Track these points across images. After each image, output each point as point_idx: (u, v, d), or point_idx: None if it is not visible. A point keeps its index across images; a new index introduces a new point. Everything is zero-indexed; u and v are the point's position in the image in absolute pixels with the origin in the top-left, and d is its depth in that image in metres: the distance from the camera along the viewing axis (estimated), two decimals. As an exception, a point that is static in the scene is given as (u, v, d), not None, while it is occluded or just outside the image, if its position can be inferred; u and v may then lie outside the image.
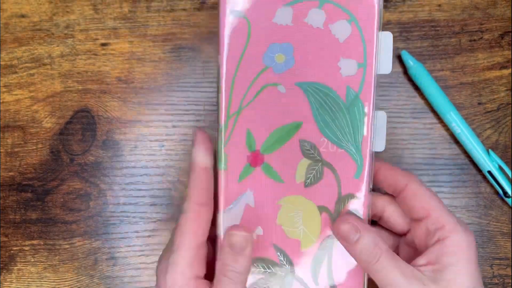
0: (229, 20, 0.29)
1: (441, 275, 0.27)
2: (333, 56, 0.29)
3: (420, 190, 0.29)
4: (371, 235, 0.28)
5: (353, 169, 0.30)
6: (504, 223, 0.37)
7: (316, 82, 0.29)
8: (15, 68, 0.39)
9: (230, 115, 0.29)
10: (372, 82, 0.29)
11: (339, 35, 0.29)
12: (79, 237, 0.38)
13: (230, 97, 0.29)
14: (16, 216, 0.39)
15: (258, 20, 0.29)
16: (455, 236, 0.27)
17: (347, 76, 0.29)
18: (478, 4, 0.38)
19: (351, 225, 0.28)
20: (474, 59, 0.38)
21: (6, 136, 0.39)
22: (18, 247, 0.38)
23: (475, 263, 0.28)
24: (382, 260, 0.27)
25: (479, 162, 0.36)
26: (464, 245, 0.27)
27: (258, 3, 0.29)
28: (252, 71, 0.29)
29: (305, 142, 0.29)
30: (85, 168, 0.38)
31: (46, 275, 0.38)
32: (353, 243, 0.28)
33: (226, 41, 0.29)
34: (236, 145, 0.29)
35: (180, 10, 0.39)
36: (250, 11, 0.29)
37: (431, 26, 0.38)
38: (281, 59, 0.29)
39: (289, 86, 0.29)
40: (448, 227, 0.28)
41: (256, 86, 0.29)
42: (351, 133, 0.29)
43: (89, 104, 0.39)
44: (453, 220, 0.28)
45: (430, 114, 0.38)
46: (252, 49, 0.29)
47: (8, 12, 0.39)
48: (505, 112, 0.37)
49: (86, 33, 0.39)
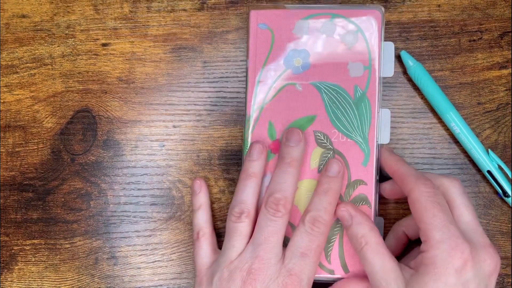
0: (256, 31, 0.35)
1: (414, 280, 0.29)
2: (342, 60, 0.34)
3: (418, 202, 0.30)
4: (359, 226, 0.31)
5: (361, 157, 0.34)
6: (504, 223, 0.37)
7: (328, 82, 0.35)
8: (16, 68, 0.39)
9: (255, 109, 0.35)
10: (377, 82, 0.34)
11: (347, 43, 0.35)
12: (80, 237, 0.38)
13: (255, 94, 0.35)
14: (17, 216, 0.39)
15: (280, 31, 0.35)
16: (433, 251, 0.29)
17: (355, 76, 0.34)
18: (478, 4, 0.38)
19: (346, 212, 0.32)
20: (473, 59, 0.38)
21: (7, 136, 0.39)
22: (19, 246, 0.38)
23: (449, 281, 0.28)
24: (364, 250, 0.30)
25: (479, 161, 0.36)
26: (437, 262, 0.28)
27: (280, 17, 0.35)
28: (274, 73, 0.35)
29: (318, 132, 0.34)
30: (86, 167, 0.39)
31: (47, 275, 0.38)
32: (347, 228, 0.32)
33: (253, 48, 0.35)
34: (259, 135, 0.35)
35: (180, 10, 0.39)
36: (274, 24, 0.35)
37: (431, 26, 0.38)
38: (299, 62, 0.35)
39: (305, 85, 0.35)
40: (431, 242, 0.29)
41: (277, 85, 0.35)
42: (359, 125, 0.34)
43: (89, 104, 0.39)
44: (439, 236, 0.29)
45: (430, 114, 0.38)
46: (275, 55, 0.35)
47: (9, 12, 0.40)
48: (505, 112, 0.37)
49: (87, 33, 0.39)
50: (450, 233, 0.29)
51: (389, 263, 0.30)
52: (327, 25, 0.35)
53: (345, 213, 0.32)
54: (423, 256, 0.29)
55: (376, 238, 0.31)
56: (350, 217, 0.32)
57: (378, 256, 0.30)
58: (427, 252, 0.29)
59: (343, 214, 0.32)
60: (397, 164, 0.32)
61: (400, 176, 0.32)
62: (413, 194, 0.30)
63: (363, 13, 0.34)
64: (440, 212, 0.29)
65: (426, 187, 0.30)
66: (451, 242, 0.28)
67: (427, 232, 0.29)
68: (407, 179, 0.31)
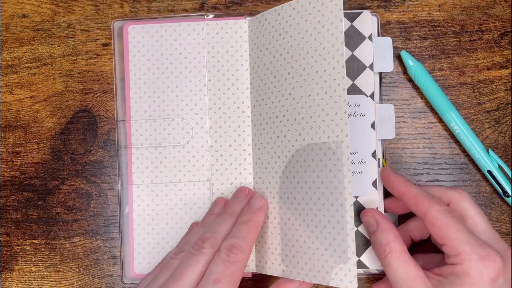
0: None
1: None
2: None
3: (438, 220, 0.30)
4: (385, 233, 0.31)
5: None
6: (504, 223, 0.37)
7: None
8: (16, 68, 0.39)
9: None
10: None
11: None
12: (80, 236, 0.38)
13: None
14: (18, 216, 0.39)
15: None
16: (467, 264, 0.29)
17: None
18: (478, 4, 0.38)
19: (372, 218, 0.32)
20: (473, 59, 0.38)
21: (7, 135, 0.39)
22: (19, 246, 0.38)
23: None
24: (389, 258, 0.30)
25: (479, 161, 0.36)
26: (472, 273, 0.29)
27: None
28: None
29: None
30: (86, 167, 0.39)
31: (47, 274, 0.38)
32: (371, 234, 0.32)
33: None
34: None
35: (180, 10, 0.39)
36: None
37: (431, 26, 0.38)
38: None
39: None
40: (463, 256, 0.29)
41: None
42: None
43: (90, 103, 0.39)
44: (469, 249, 0.29)
45: (430, 113, 0.38)
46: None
47: (9, 12, 0.39)
48: (505, 111, 0.37)
49: (87, 33, 0.39)
50: (477, 243, 0.30)
51: (414, 271, 0.30)
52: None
53: (371, 219, 0.32)
54: (455, 268, 0.30)
55: (401, 246, 0.31)
56: (375, 223, 0.32)
57: (404, 264, 0.30)
58: (460, 265, 0.29)
59: (369, 220, 0.32)
60: (406, 186, 0.32)
61: (412, 197, 0.32)
62: (430, 214, 0.31)
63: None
64: (462, 226, 0.30)
65: (440, 205, 0.31)
66: (481, 252, 0.29)
67: (456, 247, 0.30)
68: (421, 200, 0.31)
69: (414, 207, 0.31)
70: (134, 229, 0.37)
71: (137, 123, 0.37)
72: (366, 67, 0.36)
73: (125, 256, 0.37)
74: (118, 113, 0.37)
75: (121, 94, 0.38)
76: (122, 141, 0.37)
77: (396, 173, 0.34)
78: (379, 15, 0.37)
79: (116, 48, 0.38)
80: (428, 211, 0.31)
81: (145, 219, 0.37)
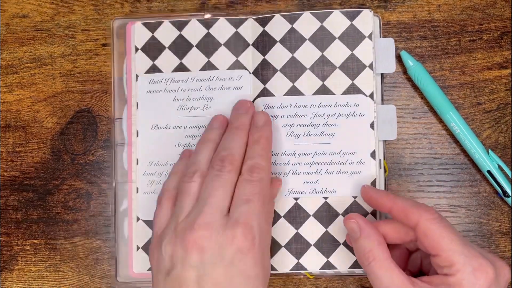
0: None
1: None
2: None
3: (430, 231, 0.29)
4: (367, 239, 0.30)
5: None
6: (504, 223, 0.37)
7: None
8: (16, 68, 0.39)
9: None
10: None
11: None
12: (80, 237, 0.38)
13: None
14: (17, 216, 0.39)
15: None
16: (460, 275, 0.29)
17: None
18: (478, 4, 0.38)
19: (355, 224, 0.31)
20: (473, 59, 0.38)
21: (7, 136, 0.39)
22: (19, 246, 0.39)
23: None
24: (372, 266, 0.30)
25: (479, 161, 0.36)
26: (464, 285, 0.28)
27: None
28: None
29: None
30: (86, 167, 0.39)
31: (47, 275, 0.38)
32: (354, 240, 0.31)
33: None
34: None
35: (180, 10, 0.39)
36: None
37: (431, 26, 0.38)
38: None
39: None
40: (457, 267, 0.29)
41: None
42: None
43: (90, 104, 0.39)
44: (463, 260, 0.29)
45: (430, 114, 0.38)
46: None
47: (9, 12, 0.40)
48: (505, 112, 0.37)
49: (87, 33, 0.39)
50: (471, 254, 0.29)
51: (399, 279, 0.29)
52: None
53: (354, 225, 0.31)
54: (448, 279, 0.29)
55: (385, 253, 0.30)
56: (358, 229, 0.31)
57: (388, 272, 0.29)
58: (453, 276, 0.29)
59: (352, 225, 0.31)
60: (390, 200, 0.31)
61: (400, 210, 0.31)
62: (422, 225, 0.29)
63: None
64: (456, 236, 0.29)
65: (431, 213, 0.30)
66: (474, 263, 0.29)
67: (449, 258, 0.29)
68: (410, 211, 0.30)
69: (405, 220, 0.30)
70: (133, 228, 0.37)
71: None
72: (366, 67, 0.36)
73: (123, 255, 0.37)
74: (115, 111, 0.38)
75: (119, 92, 0.38)
76: (119, 140, 0.37)
77: (375, 189, 0.33)
78: (379, 15, 0.37)
79: (115, 46, 0.38)
80: (420, 222, 0.29)
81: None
